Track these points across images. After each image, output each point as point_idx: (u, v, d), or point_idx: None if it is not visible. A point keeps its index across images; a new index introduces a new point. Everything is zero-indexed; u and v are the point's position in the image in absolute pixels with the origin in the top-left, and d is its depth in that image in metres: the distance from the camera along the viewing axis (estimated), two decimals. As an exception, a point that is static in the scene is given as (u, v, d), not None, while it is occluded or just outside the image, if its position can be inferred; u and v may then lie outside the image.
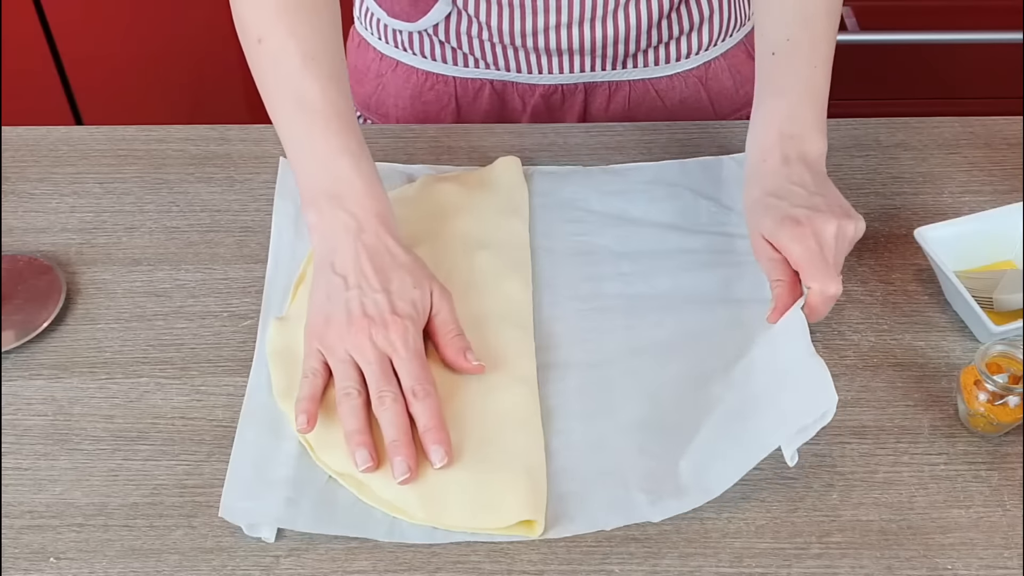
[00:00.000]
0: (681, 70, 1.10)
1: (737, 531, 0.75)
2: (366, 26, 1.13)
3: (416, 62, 1.10)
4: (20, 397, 0.83)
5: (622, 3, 1.02)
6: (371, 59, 1.14)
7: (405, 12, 1.07)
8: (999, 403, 0.77)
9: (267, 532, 0.74)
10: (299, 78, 0.85)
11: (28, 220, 0.96)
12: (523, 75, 1.09)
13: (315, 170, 0.85)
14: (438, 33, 1.07)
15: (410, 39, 1.09)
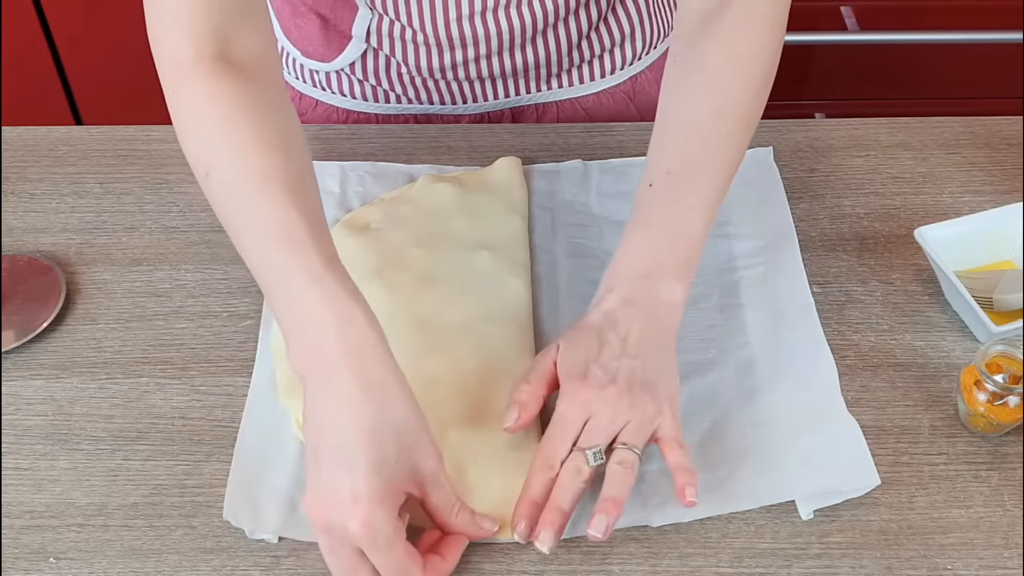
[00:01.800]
0: (608, 86, 1.08)
1: (737, 531, 0.75)
2: (284, 66, 1.10)
3: (336, 100, 1.08)
4: (20, 397, 0.83)
5: (540, 29, 0.99)
6: (291, 98, 1.09)
7: (319, 52, 1.05)
8: (999, 403, 0.77)
9: (270, 535, 0.74)
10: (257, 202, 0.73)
11: (28, 220, 0.96)
12: (447, 106, 1.07)
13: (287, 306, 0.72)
14: (355, 72, 1.05)
15: (328, 78, 1.07)
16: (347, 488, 0.67)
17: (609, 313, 0.78)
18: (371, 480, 0.67)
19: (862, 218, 0.96)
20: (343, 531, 0.68)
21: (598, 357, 0.76)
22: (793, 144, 1.02)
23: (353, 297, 0.71)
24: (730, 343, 0.85)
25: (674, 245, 0.80)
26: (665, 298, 0.78)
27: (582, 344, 0.77)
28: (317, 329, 0.70)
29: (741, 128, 0.83)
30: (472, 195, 0.95)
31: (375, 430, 0.68)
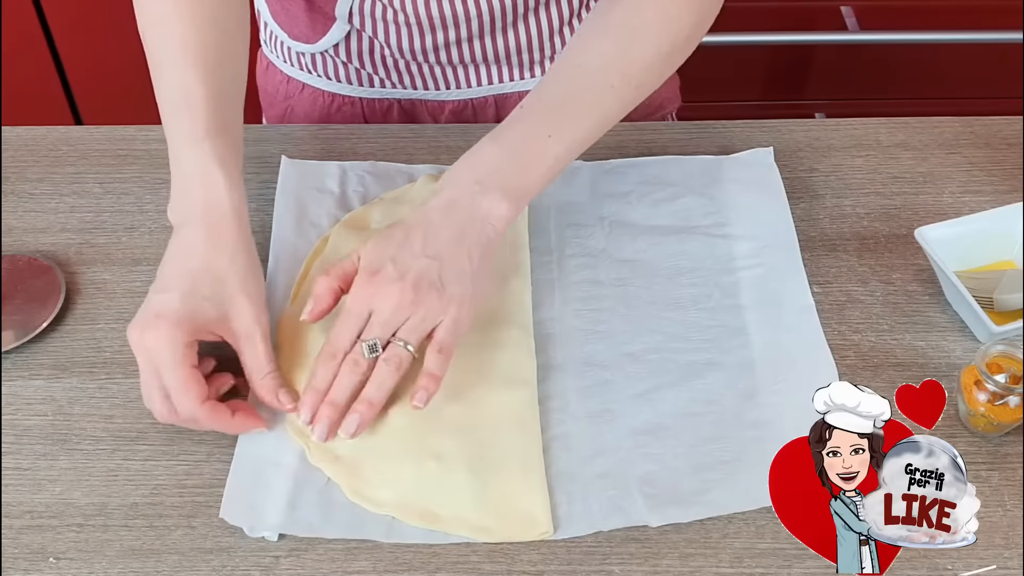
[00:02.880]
0: None
1: (737, 531, 0.75)
2: (272, 49, 1.13)
3: (321, 84, 1.10)
4: (20, 397, 0.83)
5: (520, 14, 1.00)
6: (279, 82, 1.13)
7: (304, 34, 1.06)
8: (999, 403, 0.77)
9: (269, 532, 0.74)
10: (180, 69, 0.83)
11: (28, 220, 0.96)
12: (430, 92, 1.08)
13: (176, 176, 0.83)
14: (339, 54, 1.06)
15: (313, 61, 1.08)
16: (155, 307, 0.77)
17: (428, 212, 0.81)
18: (175, 304, 0.77)
19: (862, 218, 0.96)
20: (143, 345, 0.76)
21: (397, 254, 0.79)
22: (793, 144, 1.02)
23: (221, 164, 0.81)
24: (730, 344, 0.85)
25: (517, 165, 0.83)
26: (486, 210, 0.81)
27: (390, 241, 0.80)
28: (185, 187, 0.81)
29: (625, 86, 0.86)
30: (472, 195, 0.95)
31: (197, 270, 0.79)
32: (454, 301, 0.78)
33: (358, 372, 0.77)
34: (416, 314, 0.78)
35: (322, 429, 0.77)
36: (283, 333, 0.85)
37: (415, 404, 0.76)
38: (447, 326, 0.78)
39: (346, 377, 0.77)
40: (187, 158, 0.82)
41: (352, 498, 0.76)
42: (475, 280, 0.80)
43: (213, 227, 0.80)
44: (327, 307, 0.81)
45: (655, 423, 0.80)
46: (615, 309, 0.88)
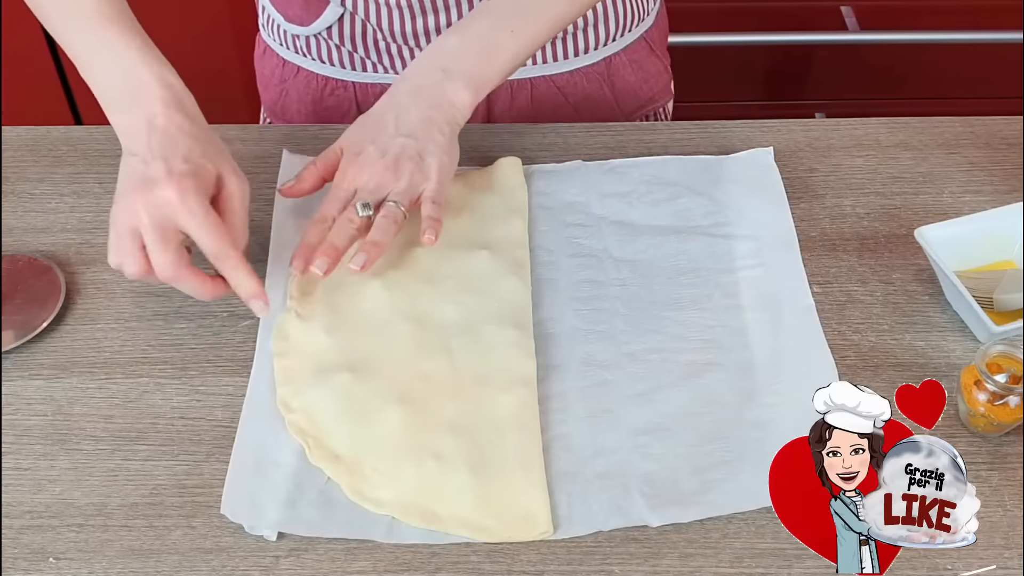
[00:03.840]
0: (582, 65, 1.10)
1: (737, 531, 0.75)
2: (269, 32, 1.14)
3: (316, 67, 1.11)
4: (20, 397, 0.83)
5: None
6: (275, 65, 1.14)
7: (299, 16, 1.07)
8: (999, 403, 0.77)
9: (268, 531, 0.74)
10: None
11: (28, 220, 0.96)
12: None
13: (104, 75, 0.85)
14: (333, 36, 1.07)
15: (308, 43, 1.10)
16: (163, 170, 0.79)
17: (396, 98, 0.89)
18: (183, 164, 0.80)
19: (862, 218, 0.96)
20: (159, 205, 0.78)
21: (375, 137, 0.87)
22: (793, 144, 1.02)
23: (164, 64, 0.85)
24: (730, 344, 0.85)
25: (480, 55, 0.90)
26: (451, 96, 0.88)
27: (367, 127, 0.88)
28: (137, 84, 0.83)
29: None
30: (472, 195, 0.95)
31: (187, 133, 0.82)
32: (432, 168, 0.86)
33: (352, 227, 0.84)
34: (399, 184, 0.85)
35: (323, 263, 0.83)
36: (282, 332, 0.86)
37: (426, 239, 0.84)
38: (432, 187, 0.86)
39: (342, 226, 0.84)
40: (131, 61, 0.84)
41: (352, 497, 0.76)
42: (449, 153, 0.88)
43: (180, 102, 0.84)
44: (308, 187, 0.89)
45: (655, 423, 0.80)
46: (615, 309, 0.88)
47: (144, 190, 0.79)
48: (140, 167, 0.81)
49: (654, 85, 1.16)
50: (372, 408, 0.80)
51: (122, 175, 0.83)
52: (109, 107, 0.85)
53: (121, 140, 0.84)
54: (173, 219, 0.79)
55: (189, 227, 0.79)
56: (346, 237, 0.84)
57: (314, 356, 0.84)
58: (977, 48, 1.81)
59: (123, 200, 0.80)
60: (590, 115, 1.12)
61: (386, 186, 0.86)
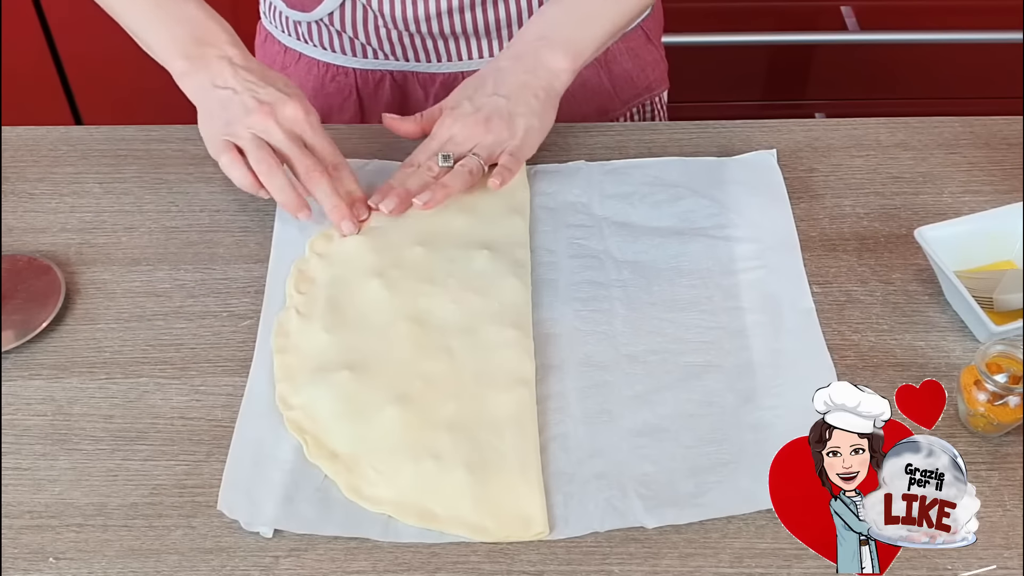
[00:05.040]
0: None
1: (737, 531, 0.75)
2: (270, 19, 1.15)
3: (317, 54, 1.12)
4: (20, 397, 0.83)
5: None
6: (276, 52, 1.15)
7: (300, 2, 1.08)
8: (999, 403, 0.77)
9: (265, 528, 0.74)
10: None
11: (28, 220, 0.96)
12: (422, 64, 1.10)
13: (170, 27, 0.92)
14: (334, 23, 1.08)
15: (309, 30, 1.11)
16: (276, 94, 0.89)
17: (498, 63, 0.95)
18: (288, 89, 0.90)
19: (862, 218, 0.96)
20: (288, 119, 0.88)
21: (473, 95, 0.93)
22: (793, 144, 1.02)
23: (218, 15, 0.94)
24: (730, 346, 0.85)
25: (578, 23, 0.95)
26: (548, 63, 0.93)
27: (467, 87, 0.95)
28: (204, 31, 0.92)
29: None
30: (473, 195, 0.95)
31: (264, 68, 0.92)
32: (521, 129, 0.92)
33: (429, 174, 0.91)
34: (486, 139, 0.91)
35: (391, 202, 0.90)
36: (283, 330, 0.86)
37: (492, 182, 0.90)
38: (515, 146, 0.92)
39: (418, 175, 0.91)
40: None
41: (349, 495, 0.76)
42: (541, 117, 0.93)
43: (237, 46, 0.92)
44: (407, 129, 0.96)
45: (653, 424, 0.80)
46: (615, 310, 0.88)
47: (269, 110, 0.88)
48: (243, 95, 0.88)
49: (651, 74, 1.17)
50: (371, 407, 0.80)
51: (216, 106, 0.89)
52: (176, 53, 0.91)
53: (188, 85, 0.91)
54: (299, 132, 0.89)
55: (314, 138, 0.89)
56: (420, 183, 0.90)
57: (314, 354, 0.84)
58: (977, 48, 1.81)
59: (244, 121, 0.88)
60: (587, 103, 1.12)
61: (473, 139, 0.91)
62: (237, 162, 0.89)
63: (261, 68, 0.92)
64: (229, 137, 0.89)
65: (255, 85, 0.89)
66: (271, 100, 0.88)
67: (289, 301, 0.88)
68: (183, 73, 0.91)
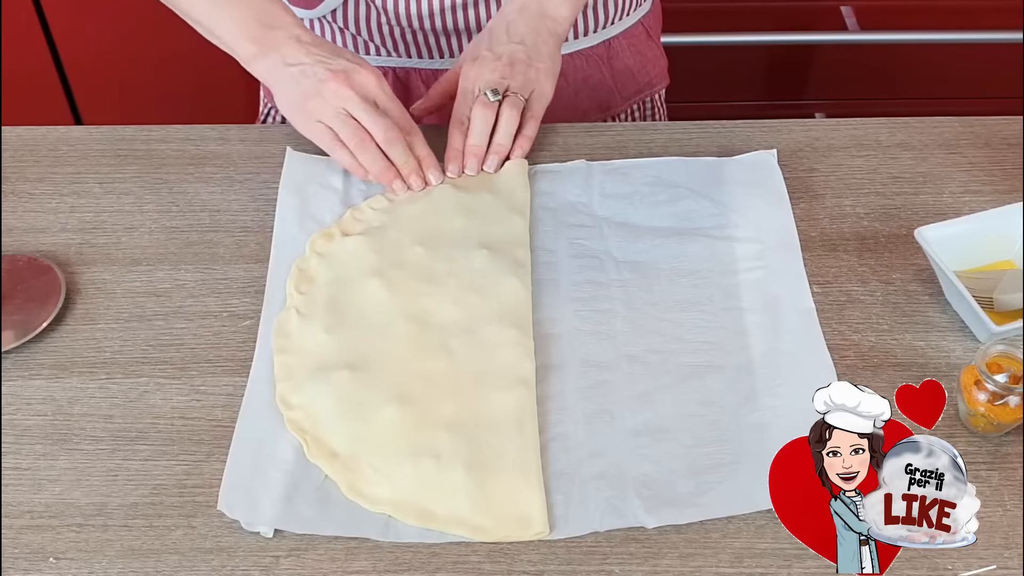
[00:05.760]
0: (582, 47, 1.12)
1: (737, 531, 0.75)
2: None
3: None
4: (20, 397, 0.83)
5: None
6: None
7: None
8: (999, 403, 0.77)
9: (265, 528, 0.74)
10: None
11: (28, 220, 0.96)
12: (424, 60, 1.10)
13: (234, 13, 0.95)
14: (337, 19, 1.08)
15: (311, 27, 1.11)
16: (347, 64, 0.92)
17: (505, 14, 0.99)
18: (357, 59, 0.94)
19: (862, 218, 0.96)
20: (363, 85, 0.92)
21: (490, 45, 0.98)
22: (793, 144, 1.02)
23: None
24: (730, 346, 0.85)
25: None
26: (551, 11, 0.99)
27: (481, 39, 0.99)
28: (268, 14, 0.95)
29: None
30: (474, 195, 0.95)
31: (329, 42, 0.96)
32: (541, 73, 0.97)
33: (490, 112, 0.95)
34: (515, 80, 0.96)
35: (474, 164, 0.95)
36: (283, 329, 0.86)
37: (513, 157, 0.96)
38: (536, 97, 0.97)
39: (480, 121, 0.95)
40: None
41: (349, 495, 0.76)
42: (553, 60, 0.99)
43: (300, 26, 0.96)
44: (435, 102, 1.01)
45: (654, 424, 0.80)
46: (615, 310, 0.88)
47: (344, 78, 0.91)
48: (315, 67, 0.92)
49: (652, 70, 1.18)
50: (371, 406, 0.80)
51: (291, 81, 0.93)
52: (243, 37, 0.94)
53: (264, 62, 0.94)
54: (372, 97, 0.92)
55: (388, 104, 0.93)
56: (486, 133, 0.95)
57: (314, 353, 0.84)
58: (977, 48, 1.81)
59: (320, 91, 0.91)
60: (589, 98, 1.13)
61: (506, 79, 0.95)
62: (338, 145, 0.93)
63: (329, 44, 0.95)
64: (314, 115, 0.92)
65: (325, 58, 0.92)
66: (344, 68, 0.92)
67: (289, 301, 0.88)
68: (253, 56, 0.94)
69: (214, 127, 1.04)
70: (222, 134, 1.04)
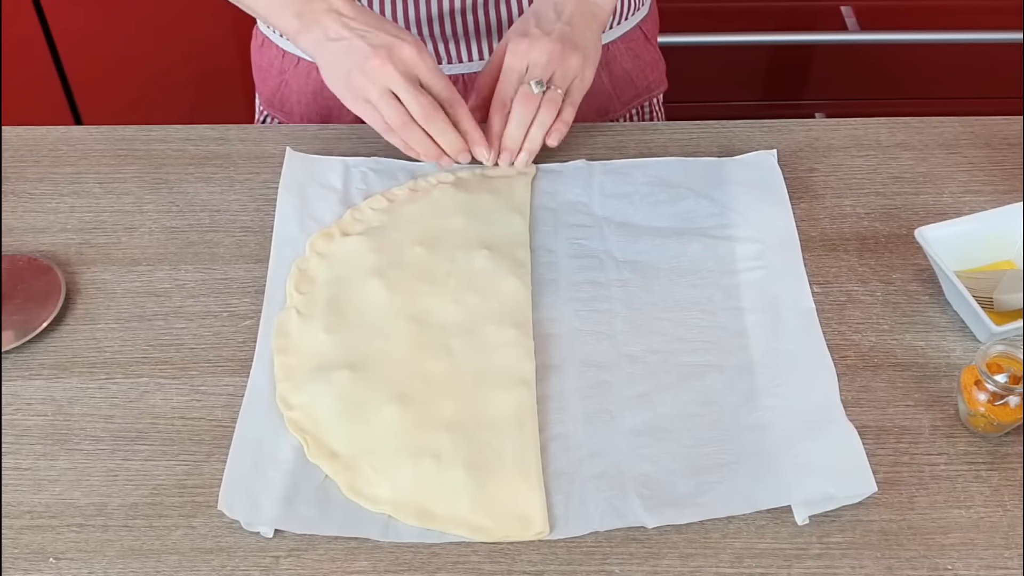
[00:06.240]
0: None
1: (737, 531, 0.75)
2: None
3: None
4: (20, 397, 0.83)
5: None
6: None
7: None
8: (999, 403, 0.77)
9: (265, 528, 0.74)
10: None
11: (28, 220, 0.96)
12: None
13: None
14: None
15: None
16: (388, 38, 0.90)
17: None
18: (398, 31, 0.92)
19: (862, 218, 0.96)
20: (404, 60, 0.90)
21: (538, 21, 0.96)
22: (793, 144, 1.02)
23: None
24: (730, 346, 0.85)
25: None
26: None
27: (528, 17, 0.97)
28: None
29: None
30: (474, 194, 0.95)
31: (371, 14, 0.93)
32: (586, 60, 0.95)
33: (531, 106, 0.93)
34: (562, 67, 0.94)
35: (507, 157, 0.95)
36: (283, 329, 0.86)
37: (550, 142, 0.95)
38: (578, 85, 0.95)
39: (520, 113, 0.93)
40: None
41: (349, 495, 0.76)
42: (596, 46, 0.97)
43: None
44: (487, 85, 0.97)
45: (653, 424, 0.80)
46: (616, 310, 0.88)
47: (385, 54, 0.89)
48: (357, 42, 0.91)
49: (650, 74, 1.18)
50: (371, 406, 0.80)
51: (333, 58, 0.92)
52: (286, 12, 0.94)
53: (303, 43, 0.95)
54: (415, 72, 0.90)
55: (430, 78, 0.91)
56: (525, 125, 0.94)
57: (314, 354, 0.84)
58: (977, 48, 1.81)
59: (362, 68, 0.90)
60: (587, 103, 1.12)
61: (552, 64, 0.93)
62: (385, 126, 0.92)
63: (371, 16, 0.94)
64: (361, 94, 0.91)
65: (367, 31, 0.91)
66: (385, 43, 0.90)
67: (289, 301, 0.88)
68: (296, 32, 0.94)
69: (214, 127, 1.04)
70: (222, 134, 1.04)
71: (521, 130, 0.94)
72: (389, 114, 0.91)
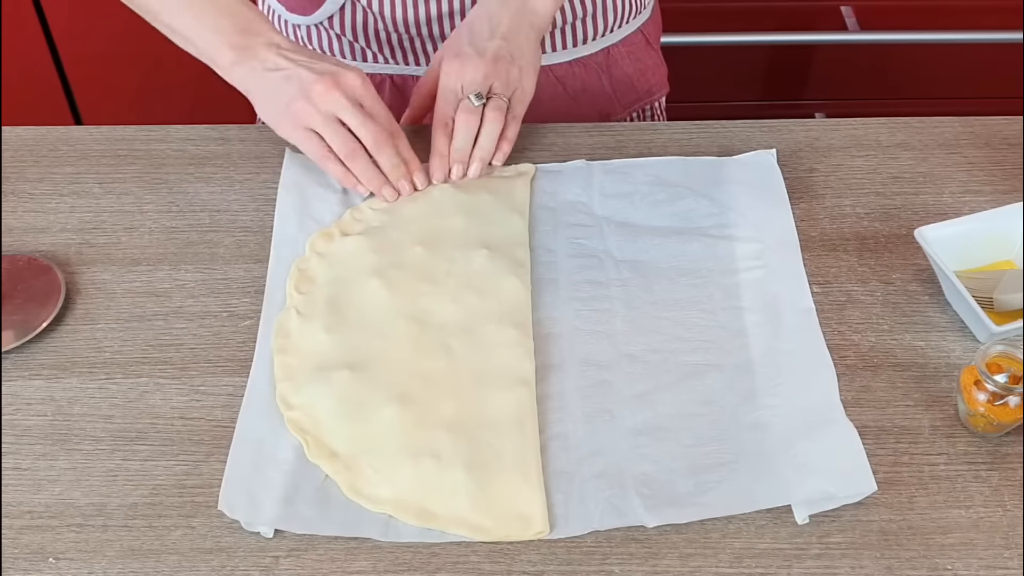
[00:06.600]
0: (581, 55, 1.12)
1: (737, 531, 0.75)
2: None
3: None
4: (20, 397, 0.83)
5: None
6: None
7: (301, 5, 1.08)
8: (999, 403, 0.77)
9: (265, 528, 0.74)
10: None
11: (28, 220, 0.96)
12: (422, 67, 1.10)
13: (213, 21, 0.93)
14: (334, 26, 1.08)
15: (308, 34, 1.11)
16: (332, 67, 0.91)
17: (487, 7, 0.97)
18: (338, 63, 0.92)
19: (862, 218, 0.96)
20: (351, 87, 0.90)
21: (471, 40, 0.95)
22: (793, 144, 1.02)
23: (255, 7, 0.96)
24: (730, 345, 0.85)
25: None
26: (533, 4, 0.97)
27: (462, 33, 0.96)
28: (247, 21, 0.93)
29: None
30: (474, 194, 0.95)
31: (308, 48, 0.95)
32: (524, 71, 0.95)
33: (474, 118, 0.93)
34: (499, 80, 0.94)
35: (459, 170, 0.95)
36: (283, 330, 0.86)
37: (495, 163, 0.95)
38: (519, 96, 0.95)
39: (464, 126, 0.93)
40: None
41: (349, 495, 0.76)
42: (535, 55, 0.97)
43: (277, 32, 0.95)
44: (422, 107, 0.99)
45: (653, 424, 0.80)
46: (615, 309, 0.88)
47: (331, 80, 0.90)
48: (299, 70, 0.90)
49: (651, 77, 1.18)
50: (371, 406, 0.80)
51: (270, 88, 0.92)
52: (222, 44, 0.93)
53: (243, 68, 0.92)
54: (359, 99, 0.91)
55: (373, 106, 0.91)
56: (470, 139, 0.94)
57: (314, 354, 0.84)
58: (977, 48, 1.81)
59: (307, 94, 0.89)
60: (588, 106, 1.13)
61: (488, 80, 0.93)
62: (325, 153, 0.92)
63: (307, 50, 0.94)
64: (302, 121, 0.90)
65: (309, 61, 0.91)
66: (330, 71, 0.90)
67: (289, 301, 0.88)
68: (232, 63, 0.93)
69: (214, 127, 1.04)
70: (222, 134, 1.04)
71: (468, 141, 0.94)
72: (336, 141, 0.91)
